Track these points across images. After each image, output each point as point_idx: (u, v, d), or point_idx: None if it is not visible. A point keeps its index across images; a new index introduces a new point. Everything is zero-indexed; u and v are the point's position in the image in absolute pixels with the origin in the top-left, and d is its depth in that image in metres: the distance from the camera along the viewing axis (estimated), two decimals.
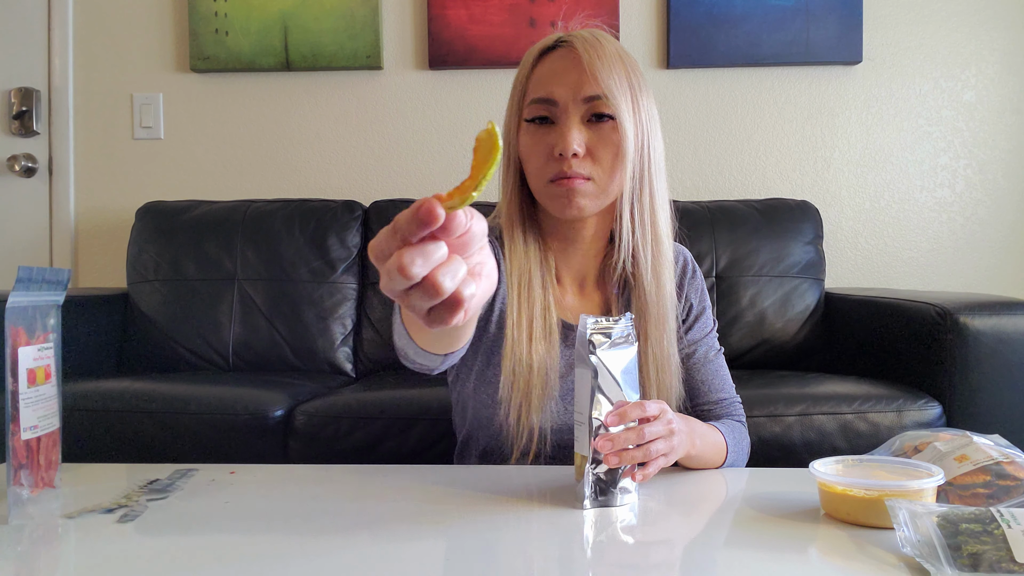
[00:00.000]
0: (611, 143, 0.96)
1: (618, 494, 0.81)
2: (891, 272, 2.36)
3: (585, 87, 0.96)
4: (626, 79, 0.97)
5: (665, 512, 0.83)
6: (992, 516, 0.65)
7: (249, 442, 1.57)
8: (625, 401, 0.81)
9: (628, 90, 0.97)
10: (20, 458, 0.79)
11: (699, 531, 0.77)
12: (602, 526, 0.77)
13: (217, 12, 2.40)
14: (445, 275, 0.47)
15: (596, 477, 0.80)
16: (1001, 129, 2.35)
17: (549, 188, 0.97)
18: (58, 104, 2.46)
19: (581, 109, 0.96)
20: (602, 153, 0.96)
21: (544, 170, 0.97)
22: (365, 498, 0.87)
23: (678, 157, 2.39)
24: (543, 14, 2.34)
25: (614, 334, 0.81)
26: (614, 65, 0.96)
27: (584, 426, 0.80)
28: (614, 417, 0.80)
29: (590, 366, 0.80)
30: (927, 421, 1.52)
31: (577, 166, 0.95)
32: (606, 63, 0.96)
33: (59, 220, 2.47)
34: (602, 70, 0.95)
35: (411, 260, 0.46)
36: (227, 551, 0.70)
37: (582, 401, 0.81)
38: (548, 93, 0.97)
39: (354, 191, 2.41)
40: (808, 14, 2.31)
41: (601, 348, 0.80)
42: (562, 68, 0.97)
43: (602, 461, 0.80)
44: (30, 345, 0.80)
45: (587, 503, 0.80)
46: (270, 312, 2.11)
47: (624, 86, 0.96)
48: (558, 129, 0.97)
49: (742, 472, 0.99)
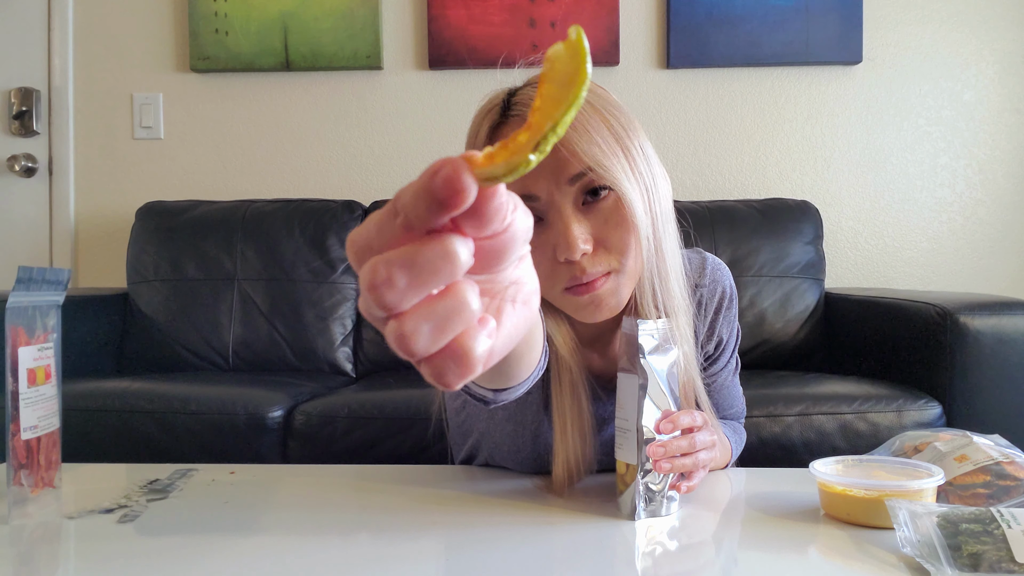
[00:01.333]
0: (618, 222, 0.78)
1: (665, 503, 0.79)
2: (891, 272, 2.36)
3: (565, 167, 0.76)
4: (610, 133, 0.78)
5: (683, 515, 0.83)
6: (992, 516, 0.65)
7: (249, 442, 1.57)
8: (671, 410, 0.79)
9: (616, 145, 0.78)
10: (20, 458, 0.79)
11: (700, 531, 0.77)
12: (648, 533, 0.76)
13: (217, 12, 2.40)
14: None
15: (646, 487, 0.78)
16: (1001, 129, 2.35)
17: (567, 299, 0.81)
18: (58, 104, 2.46)
19: (570, 195, 0.78)
20: (613, 237, 0.78)
21: (553, 280, 0.79)
22: (365, 498, 0.87)
23: (678, 157, 2.39)
24: (543, 14, 2.34)
25: (659, 337, 0.79)
26: (589, 124, 0.77)
27: (631, 434, 0.78)
28: (667, 424, 0.77)
29: (640, 372, 0.77)
30: (927, 421, 1.52)
31: (591, 265, 0.78)
32: (580, 127, 0.76)
33: (59, 220, 2.47)
34: (577, 138, 0.75)
35: (394, 274, 0.29)
36: (227, 551, 0.70)
37: (628, 408, 0.78)
38: (524, 189, 0.78)
39: (354, 191, 2.40)
40: (808, 14, 2.31)
41: (649, 351, 0.77)
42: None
43: (652, 469, 0.77)
44: (30, 345, 0.80)
45: (640, 513, 0.77)
46: (270, 312, 2.11)
47: (611, 144, 0.77)
48: (554, 228, 0.78)
49: (742, 472, 0.99)
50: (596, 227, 0.78)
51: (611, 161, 0.77)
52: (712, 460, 0.83)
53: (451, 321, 0.30)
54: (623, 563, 0.70)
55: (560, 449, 0.85)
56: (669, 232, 0.84)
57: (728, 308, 0.98)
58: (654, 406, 0.77)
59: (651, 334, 0.78)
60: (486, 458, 1.00)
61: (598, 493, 0.86)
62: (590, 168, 0.76)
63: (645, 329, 0.78)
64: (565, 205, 0.77)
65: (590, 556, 0.70)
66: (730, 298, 0.98)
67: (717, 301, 0.97)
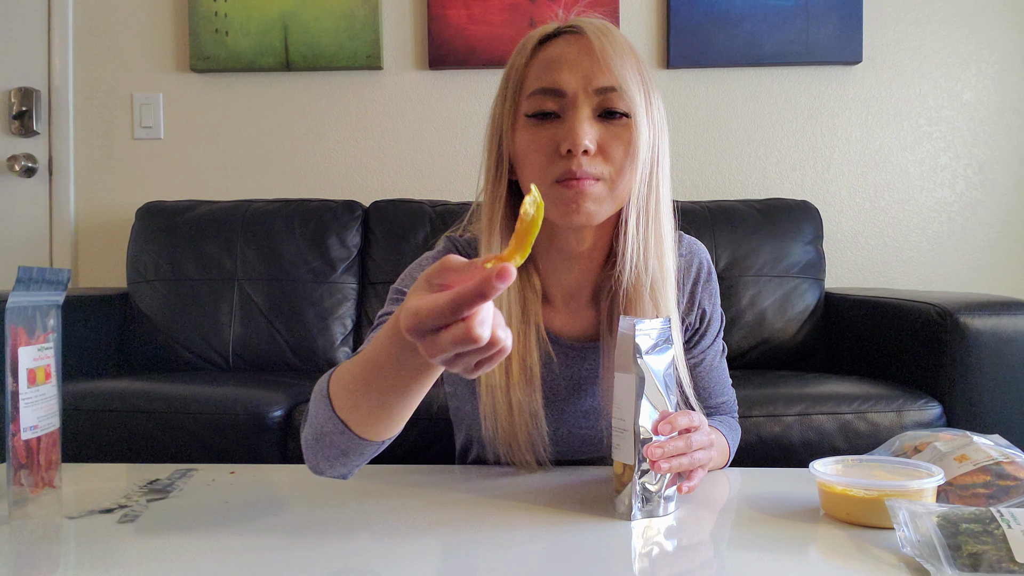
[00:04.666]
0: (623, 141, 0.85)
1: (662, 503, 0.79)
2: (891, 272, 2.36)
3: (598, 77, 0.84)
4: (639, 73, 0.86)
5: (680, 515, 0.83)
6: (992, 516, 0.65)
7: (249, 442, 1.57)
8: (669, 411, 0.79)
9: (642, 85, 0.86)
10: (20, 458, 0.79)
11: (699, 531, 0.77)
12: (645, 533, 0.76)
13: (217, 12, 2.40)
14: (500, 329, 0.54)
15: (643, 487, 0.78)
16: (1001, 129, 2.35)
17: (554, 190, 0.85)
18: (58, 104, 2.46)
19: (593, 101, 0.85)
20: (614, 152, 0.85)
21: (548, 169, 0.85)
22: (365, 498, 0.87)
23: (678, 157, 2.39)
24: (543, 14, 2.34)
25: (656, 337, 0.79)
26: (627, 56, 0.86)
27: (627, 434, 0.78)
28: (665, 426, 0.78)
29: (636, 372, 0.77)
30: (927, 421, 1.52)
31: (588, 165, 0.84)
32: (619, 53, 0.85)
33: (59, 220, 2.47)
34: (615, 59, 0.84)
35: (480, 326, 0.52)
36: (227, 551, 0.70)
37: (624, 408, 0.78)
38: (554, 83, 0.85)
39: (354, 191, 2.40)
40: (808, 14, 2.31)
41: (646, 351, 0.78)
42: (571, 55, 0.85)
43: (650, 469, 0.77)
44: (30, 345, 0.80)
45: (636, 514, 0.77)
46: (270, 312, 2.11)
47: (638, 80, 0.86)
48: (566, 123, 0.85)
49: (742, 472, 0.99)
50: (603, 138, 0.85)
51: (636, 93, 0.85)
52: (710, 459, 0.84)
53: (490, 318, 0.54)
54: (620, 564, 0.70)
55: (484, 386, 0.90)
56: (664, 194, 0.91)
57: (707, 282, 1.01)
58: (651, 406, 0.77)
59: (648, 334, 0.78)
60: (476, 449, 1.03)
61: (596, 493, 0.86)
62: (619, 87, 0.84)
63: (642, 329, 0.78)
64: (584, 106, 0.85)
65: (586, 556, 0.70)
66: (708, 271, 1.01)
67: (695, 272, 1.00)
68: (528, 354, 0.91)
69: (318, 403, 0.77)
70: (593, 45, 0.85)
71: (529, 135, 0.87)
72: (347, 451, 0.76)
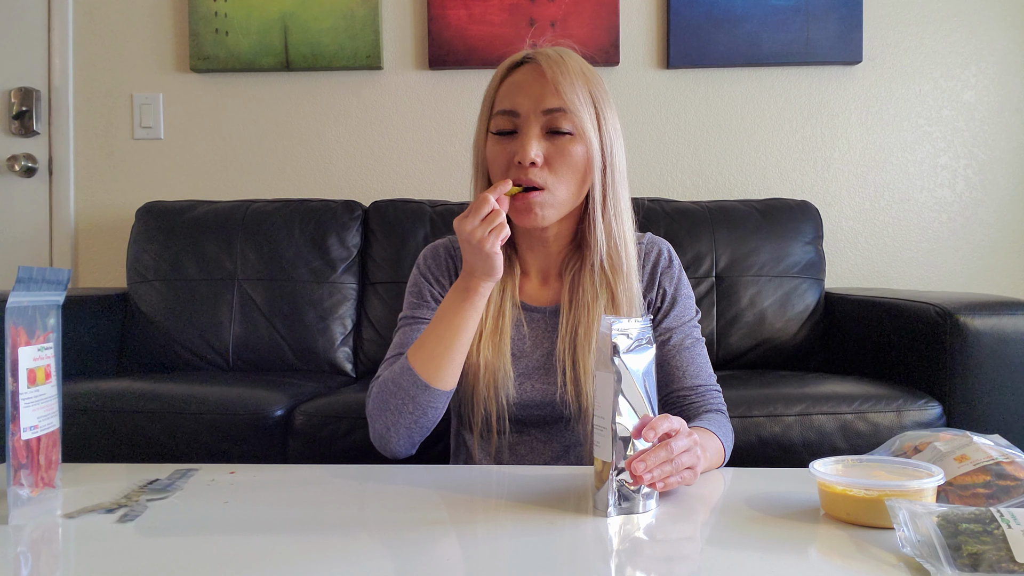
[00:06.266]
0: (568, 155, 1.03)
1: (642, 500, 0.80)
2: (891, 272, 2.36)
3: (547, 100, 1.02)
4: (588, 93, 1.04)
5: (665, 513, 0.83)
6: (992, 516, 0.65)
7: (249, 442, 1.57)
8: (649, 416, 0.80)
9: (591, 104, 1.04)
10: (20, 458, 0.79)
11: (699, 531, 0.78)
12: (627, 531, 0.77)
13: (217, 12, 2.40)
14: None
15: (620, 484, 0.79)
16: (1001, 129, 2.35)
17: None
18: (58, 104, 2.46)
19: (541, 120, 1.03)
20: (559, 165, 1.03)
21: (506, 177, 1.03)
22: (365, 498, 0.87)
23: (678, 157, 2.39)
24: (543, 14, 2.34)
25: (635, 336, 0.80)
26: (576, 80, 1.03)
27: (606, 431, 0.79)
28: (649, 432, 0.79)
29: (614, 371, 0.78)
30: (927, 421, 1.52)
31: (534, 175, 1.02)
32: (568, 78, 1.02)
33: (59, 220, 2.47)
34: (564, 84, 1.02)
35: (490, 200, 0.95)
36: (227, 551, 0.70)
37: (604, 407, 0.80)
38: (512, 105, 1.04)
39: (354, 191, 2.40)
40: (808, 14, 2.31)
41: (624, 351, 0.79)
42: (526, 82, 1.04)
43: (635, 480, 0.78)
44: (30, 345, 0.80)
45: (611, 511, 0.78)
46: (270, 312, 2.11)
47: (587, 100, 1.03)
48: (519, 139, 1.03)
49: (742, 472, 0.99)
50: (549, 152, 1.03)
51: (583, 112, 1.03)
52: (698, 459, 0.85)
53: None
54: (597, 559, 0.70)
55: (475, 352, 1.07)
56: (623, 195, 1.09)
57: (668, 267, 1.16)
58: (630, 405, 0.79)
59: (626, 333, 0.79)
60: (462, 442, 1.15)
61: (579, 492, 0.86)
62: (565, 107, 1.02)
63: (620, 328, 0.79)
64: (534, 125, 1.03)
65: (559, 552, 0.70)
66: (669, 259, 1.17)
67: (655, 256, 1.16)
68: (501, 316, 1.09)
69: (393, 369, 1.02)
70: (545, 73, 1.03)
71: (493, 148, 1.06)
72: (415, 396, 1.00)
